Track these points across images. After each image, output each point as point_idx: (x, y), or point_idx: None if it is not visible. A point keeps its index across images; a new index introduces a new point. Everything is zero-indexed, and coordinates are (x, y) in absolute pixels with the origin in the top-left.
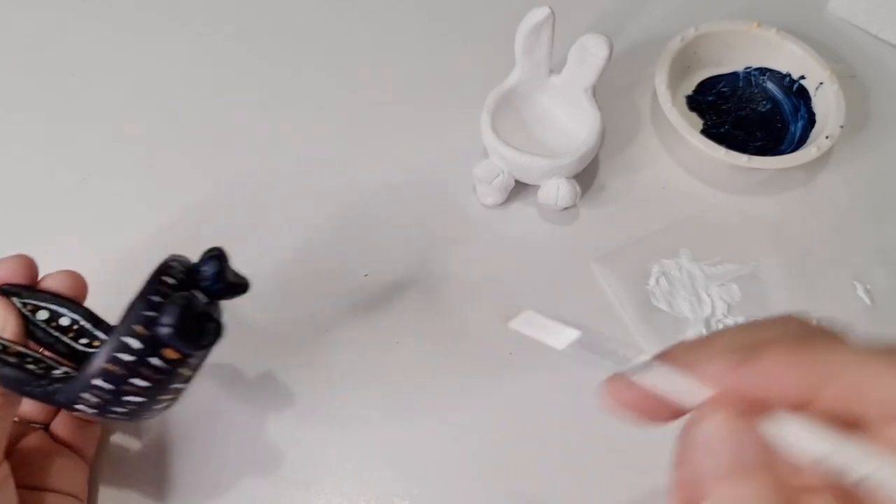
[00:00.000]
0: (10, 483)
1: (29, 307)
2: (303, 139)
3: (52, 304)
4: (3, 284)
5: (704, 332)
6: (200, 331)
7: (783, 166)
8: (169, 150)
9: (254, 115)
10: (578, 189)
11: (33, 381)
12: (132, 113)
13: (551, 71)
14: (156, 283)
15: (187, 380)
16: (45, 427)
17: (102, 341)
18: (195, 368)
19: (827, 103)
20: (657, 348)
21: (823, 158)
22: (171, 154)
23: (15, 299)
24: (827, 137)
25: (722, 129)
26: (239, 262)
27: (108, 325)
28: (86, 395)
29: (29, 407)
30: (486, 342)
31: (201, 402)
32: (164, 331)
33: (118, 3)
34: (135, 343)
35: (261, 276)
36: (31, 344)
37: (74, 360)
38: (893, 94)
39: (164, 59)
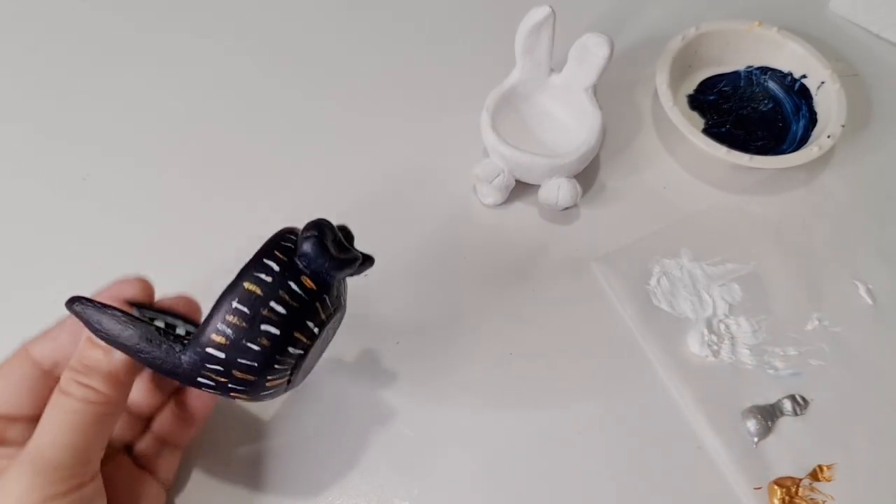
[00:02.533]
0: (103, 495)
1: (147, 315)
2: (302, 138)
3: (170, 316)
4: (129, 300)
5: (706, 332)
6: (347, 256)
7: (784, 166)
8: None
9: (248, 114)
10: (579, 189)
11: (160, 341)
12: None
13: (552, 70)
14: (279, 239)
15: (313, 336)
16: (128, 450)
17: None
18: (326, 321)
19: (828, 102)
20: (658, 349)
21: (825, 158)
22: (169, 156)
23: (138, 310)
24: (828, 137)
25: (723, 129)
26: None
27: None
28: (212, 349)
29: (136, 395)
30: (485, 342)
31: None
32: (306, 261)
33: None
34: (274, 266)
35: None
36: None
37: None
38: (895, 93)
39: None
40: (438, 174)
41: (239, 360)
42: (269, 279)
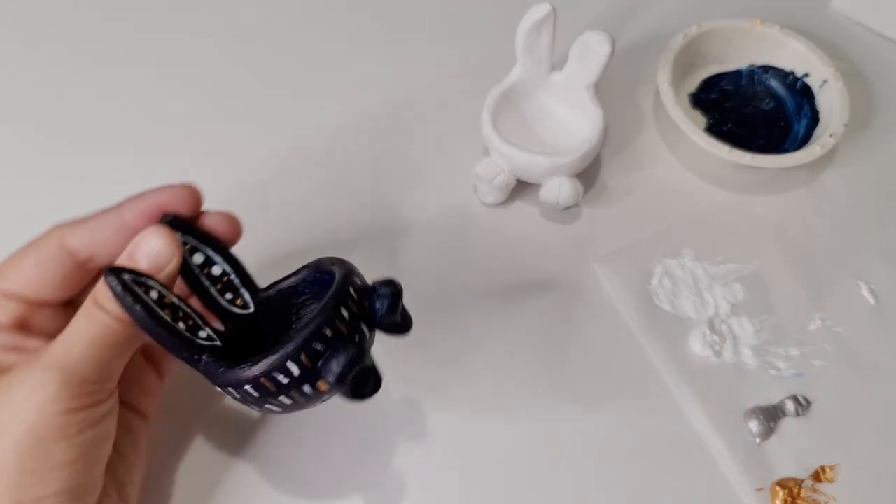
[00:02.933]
0: (116, 412)
1: (188, 246)
2: (300, 138)
3: (209, 248)
4: (167, 214)
5: (708, 332)
6: (362, 383)
7: (787, 165)
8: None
9: (249, 115)
10: (580, 188)
11: (180, 347)
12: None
13: (553, 68)
14: (334, 313)
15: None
16: None
17: (267, 354)
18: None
19: (831, 101)
20: (660, 349)
21: (827, 157)
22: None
23: (178, 234)
24: (831, 136)
25: (725, 128)
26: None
27: (254, 286)
28: (230, 390)
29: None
30: (486, 343)
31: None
32: (329, 378)
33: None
34: (295, 370)
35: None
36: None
37: (216, 313)
38: None
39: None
40: (438, 174)
41: (265, 405)
42: (283, 380)
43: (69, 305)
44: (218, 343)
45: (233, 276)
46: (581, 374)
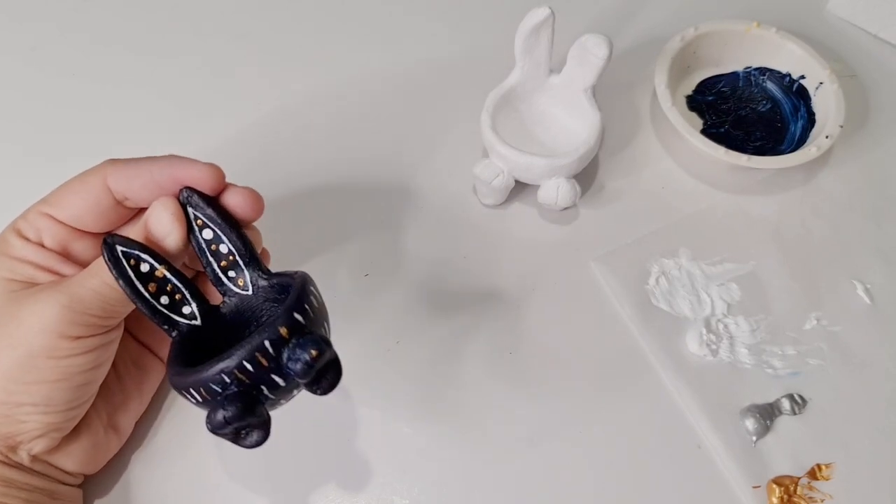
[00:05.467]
0: (112, 347)
1: (199, 221)
2: (298, 138)
3: (220, 227)
4: (186, 187)
5: (704, 331)
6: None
7: (783, 166)
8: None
9: (252, 107)
10: (578, 189)
11: (155, 320)
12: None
13: (551, 71)
14: (239, 361)
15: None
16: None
17: (226, 353)
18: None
19: (826, 103)
20: (657, 348)
21: (823, 158)
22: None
23: (190, 209)
24: (827, 137)
25: (722, 129)
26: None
27: (261, 267)
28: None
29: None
30: (485, 342)
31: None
32: (208, 426)
33: None
34: (197, 397)
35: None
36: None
37: (219, 287)
38: (893, 94)
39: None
40: (438, 175)
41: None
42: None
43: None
44: (196, 322)
45: (237, 256)
46: (578, 374)
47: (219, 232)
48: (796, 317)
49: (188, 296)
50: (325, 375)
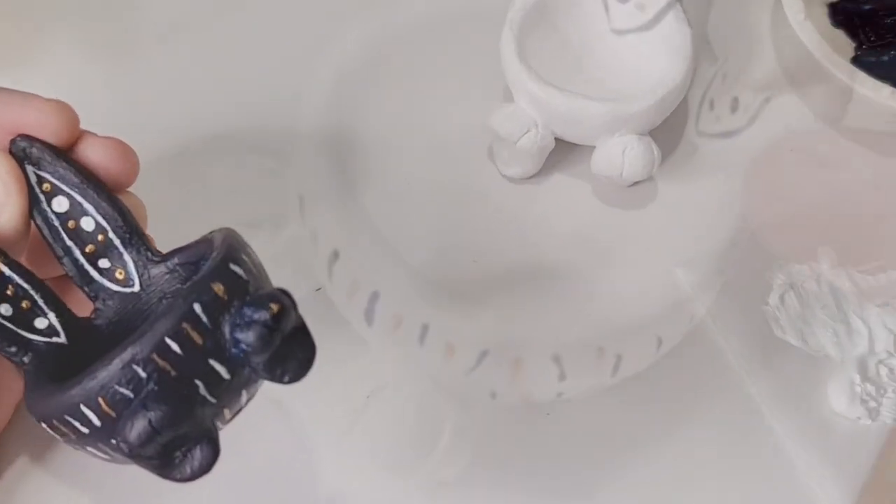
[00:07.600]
0: None
1: (45, 186)
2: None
3: (80, 191)
4: (21, 135)
5: (858, 379)
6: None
7: None
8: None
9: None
10: (656, 152)
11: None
12: None
13: None
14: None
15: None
16: None
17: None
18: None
19: None
20: (782, 407)
21: None
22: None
23: (31, 168)
24: None
25: (885, 57)
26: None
27: (149, 247)
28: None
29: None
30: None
31: None
32: (123, 446)
33: None
34: (94, 419)
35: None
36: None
37: (87, 287)
38: None
39: None
40: (437, 131)
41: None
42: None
43: None
44: (60, 339)
45: (111, 235)
46: (665, 438)
47: (79, 198)
48: None
49: (41, 302)
50: (291, 351)
